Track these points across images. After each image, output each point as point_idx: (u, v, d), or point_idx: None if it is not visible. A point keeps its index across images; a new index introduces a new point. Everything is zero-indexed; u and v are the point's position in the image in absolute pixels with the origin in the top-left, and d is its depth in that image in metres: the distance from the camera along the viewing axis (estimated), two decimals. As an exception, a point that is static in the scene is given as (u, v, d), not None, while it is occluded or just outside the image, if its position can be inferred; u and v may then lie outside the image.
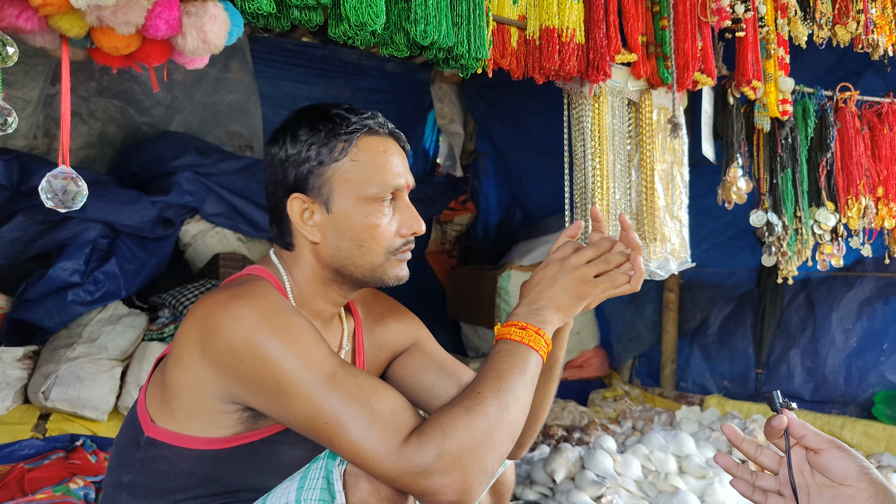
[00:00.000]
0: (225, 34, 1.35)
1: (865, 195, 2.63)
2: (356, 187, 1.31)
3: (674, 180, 2.27)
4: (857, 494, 0.94)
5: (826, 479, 0.97)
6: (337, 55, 4.38)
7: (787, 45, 2.45)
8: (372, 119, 1.35)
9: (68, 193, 1.25)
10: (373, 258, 1.33)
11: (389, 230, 1.34)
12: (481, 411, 1.11)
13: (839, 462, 0.96)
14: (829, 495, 0.96)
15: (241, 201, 3.54)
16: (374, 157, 1.32)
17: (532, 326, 1.24)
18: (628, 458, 2.66)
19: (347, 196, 1.31)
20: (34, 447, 2.58)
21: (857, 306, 3.59)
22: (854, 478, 0.94)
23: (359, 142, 1.32)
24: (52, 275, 3.02)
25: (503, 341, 1.25)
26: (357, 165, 1.31)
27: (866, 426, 3.30)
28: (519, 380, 1.18)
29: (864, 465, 0.95)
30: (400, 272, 1.37)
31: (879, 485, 0.93)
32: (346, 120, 1.32)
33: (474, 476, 1.08)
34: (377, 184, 1.31)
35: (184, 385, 1.24)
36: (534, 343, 1.23)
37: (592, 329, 4.47)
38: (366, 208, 1.31)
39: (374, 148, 1.33)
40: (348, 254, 1.33)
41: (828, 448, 0.98)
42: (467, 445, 1.08)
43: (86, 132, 3.67)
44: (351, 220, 1.31)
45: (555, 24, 1.92)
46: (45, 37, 1.28)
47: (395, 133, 1.38)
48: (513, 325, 1.25)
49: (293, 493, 1.18)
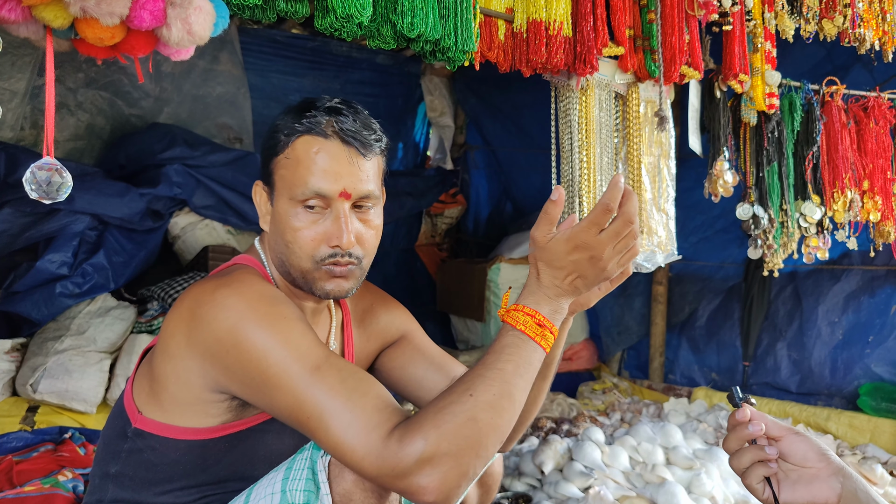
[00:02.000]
0: (210, 25, 1.35)
1: (851, 189, 2.65)
2: (287, 186, 1.28)
3: (661, 173, 2.28)
4: (819, 473, 1.00)
5: (788, 463, 1.03)
6: (327, 47, 4.36)
7: (774, 38, 2.47)
8: (328, 118, 1.27)
9: (53, 185, 1.25)
10: (300, 262, 1.29)
11: (311, 235, 1.27)
12: (470, 417, 1.06)
13: (798, 446, 1.02)
14: (794, 477, 1.01)
15: (230, 193, 3.53)
16: (304, 158, 1.26)
17: (548, 322, 1.16)
18: (616, 450, 2.68)
19: (282, 192, 1.29)
20: (23, 440, 2.58)
21: (843, 299, 3.62)
22: (814, 458, 1.00)
23: (297, 140, 1.28)
24: (40, 267, 3.00)
25: (514, 333, 1.15)
26: (289, 163, 1.28)
27: (851, 418, 3.33)
28: (520, 382, 1.12)
29: (822, 448, 1.02)
30: (328, 286, 1.29)
31: (837, 465, 0.99)
32: (300, 116, 1.28)
33: (454, 479, 1.05)
34: (300, 186, 1.26)
35: (171, 375, 1.24)
36: (545, 341, 1.16)
37: (582, 322, 4.49)
38: (292, 209, 1.28)
39: (307, 149, 1.26)
40: (281, 249, 1.31)
41: (786, 434, 1.03)
42: (448, 451, 1.04)
43: (73, 124, 3.64)
44: (281, 217, 1.29)
45: (542, 16, 1.92)
46: (29, 27, 1.27)
47: (349, 137, 1.27)
48: (530, 316, 1.16)
49: (279, 484, 1.19)
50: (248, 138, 4.13)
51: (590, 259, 1.14)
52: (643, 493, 2.46)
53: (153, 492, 1.29)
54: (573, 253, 1.14)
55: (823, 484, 0.99)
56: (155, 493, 1.29)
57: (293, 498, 1.16)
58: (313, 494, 1.15)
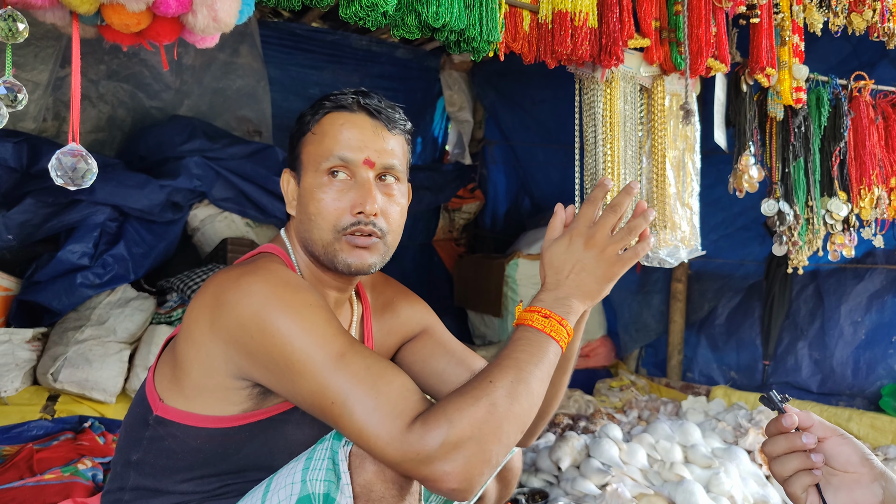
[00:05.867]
0: (236, 12, 1.34)
1: (878, 185, 2.61)
2: (313, 160, 1.32)
3: (685, 167, 2.25)
4: (861, 479, 0.97)
5: (830, 467, 0.99)
6: (346, 41, 4.36)
7: (801, 32, 2.43)
8: (353, 97, 1.33)
9: (78, 171, 1.25)
10: (322, 234, 1.30)
11: (335, 204, 1.29)
12: (491, 402, 1.08)
13: (842, 449, 0.99)
14: (836, 483, 0.98)
15: (249, 186, 3.54)
16: (330, 130, 1.31)
17: (555, 315, 1.20)
18: (634, 447, 2.66)
19: (308, 169, 1.32)
20: (43, 428, 2.60)
21: (867, 299, 3.57)
22: (857, 463, 0.98)
23: (325, 117, 1.32)
24: (61, 257, 3.02)
25: (524, 328, 1.20)
26: (316, 138, 1.32)
27: (873, 418, 3.29)
28: (535, 371, 1.14)
29: (865, 452, 0.99)
30: (349, 258, 1.30)
31: (880, 471, 0.97)
32: (327, 98, 1.34)
33: (477, 466, 1.06)
34: (326, 155, 1.30)
35: (194, 361, 1.24)
36: (555, 333, 1.19)
37: (599, 318, 4.46)
38: (317, 180, 1.31)
39: (334, 122, 1.31)
40: (306, 226, 1.33)
41: (831, 436, 1.00)
42: (472, 436, 1.05)
43: (95, 115, 3.67)
44: (307, 192, 1.32)
45: (568, 7, 1.90)
46: (55, 13, 1.27)
47: (375, 111, 1.32)
48: (536, 312, 1.20)
49: (299, 474, 1.18)
50: (267, 131, 4.13)
51: (585, 250, 1.22)
52: (661, 491, 2.44)
53: (174, 479, 1.29)
54: (569, 248, 1.24)
55: (866, 490, 0.96)
56: (175, 481, 1.29)
57: (313, 488, 1.15)
58: (333, 485, 1.15)
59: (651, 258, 2.21)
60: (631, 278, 4.37)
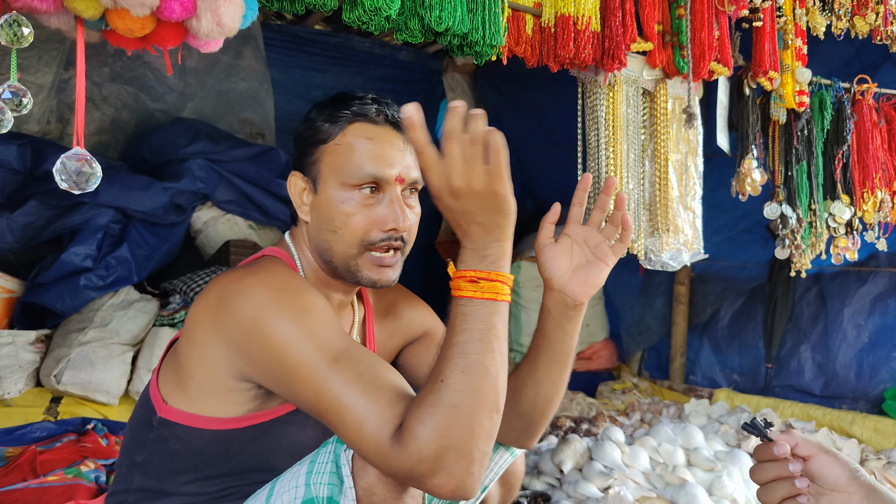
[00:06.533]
0: (240, 17, 1.35)
1: (881, 189, 2.61)
2: (338, 172, 1.30)
3: (688, 171, 2.25)
4: (850, 499, 0.94)
5: (817, 486, 0.97)
6: (349, 43, 4.36)
7: (804, 35, 2.43)
8: (376, 106, 1.32)
9: (82, 175, 1.25)
10: (346, 248, 1.30)
11: (364, 220, 1.29)
12: (449, 404, 1.02)
13: (831, 469, 0.96)
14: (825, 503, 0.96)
15: (252, 188, 3.54)
16: (358, 144, 1.29)
17: (482, 272, 1.09)
18: (636, 450, 2.66)
19: (330, 179, 1.31)
20: (46, 430, 2.60)
21: (870, 302, 3.56)
22: (845, 482, 0.95)
23: (349, 127, 1.31)
24: (65, 259, 3.03)
25: (457, 301, 1.10)
26: (341, 149, 1.30)
27: (876, 422, 3.28)
28: (483, 348, 1.06)
29: (853, 468, 0.96)
30: (374, 275, 1.30)
31: (869, 486, 0.94)
32: (347, 105, 1.32)
33: (462, 469, 1.02)
34: (355, 170, 1.28)
35: (197, 362, 1.25)
36: (490, 292, 1.09)
37: (602, 321, 4.46)
38: (343, 194, 1.29)
39: (361, 134, 1.30)
40: (325, 237, 1.32)
41: (817, 454, 0.98)
42: (445, 445, 1.01)
43: (98, 118, 3.68)
44: (330, 203, 1.30)
45: (570, 11, 1.90)
46: (60, 18, 1.27)
47: (399, 124, 1.32)
48: (461, 279, 1.10)
49: (303, 478, 1.18)
50: (270, 134, 4.14)
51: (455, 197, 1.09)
52: (664, 494, 2.44)
53: (178, 481, 1.29)
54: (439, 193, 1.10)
55: None
56: (179, 483, 1.29)
57: (317, 491, 1.15)
58: (337, 488, 1.15)
59: (654, 261, 2.21)
60: (634, 281, 4.37)
